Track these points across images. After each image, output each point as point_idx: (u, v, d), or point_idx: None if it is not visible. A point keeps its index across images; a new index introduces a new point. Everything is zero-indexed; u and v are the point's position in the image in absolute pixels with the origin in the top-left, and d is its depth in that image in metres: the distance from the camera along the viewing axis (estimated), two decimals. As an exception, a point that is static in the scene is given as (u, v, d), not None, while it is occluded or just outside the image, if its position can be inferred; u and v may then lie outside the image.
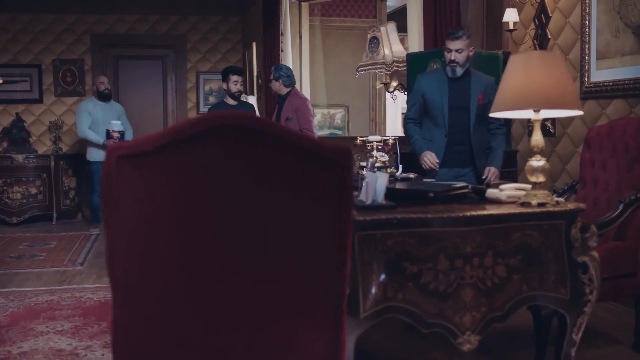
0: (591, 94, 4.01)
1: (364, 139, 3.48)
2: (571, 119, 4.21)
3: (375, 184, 2.19)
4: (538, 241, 2.22)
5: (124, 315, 1.51)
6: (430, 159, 3.64)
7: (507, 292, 2.20)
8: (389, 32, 5.04)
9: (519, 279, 2.21)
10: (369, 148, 3.34)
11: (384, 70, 5.07)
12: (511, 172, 4.64)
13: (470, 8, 5.33)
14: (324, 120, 8.91)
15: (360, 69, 5.24)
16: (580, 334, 2.28)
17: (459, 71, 3.68)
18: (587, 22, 4.03)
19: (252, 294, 1.50)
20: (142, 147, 1.44)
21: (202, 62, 8.41)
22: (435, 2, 5.30)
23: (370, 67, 5.14)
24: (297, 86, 6.82)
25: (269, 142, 1.47)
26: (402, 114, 9.55)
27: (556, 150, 4.39)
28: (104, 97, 6.73)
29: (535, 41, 4.58)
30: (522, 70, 2.27)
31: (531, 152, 2.31)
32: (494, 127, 3.77)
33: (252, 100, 6.49)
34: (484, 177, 3.68)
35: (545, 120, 4.50)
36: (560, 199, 2.31)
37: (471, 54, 3.71)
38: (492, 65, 4.71)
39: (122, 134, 6.64)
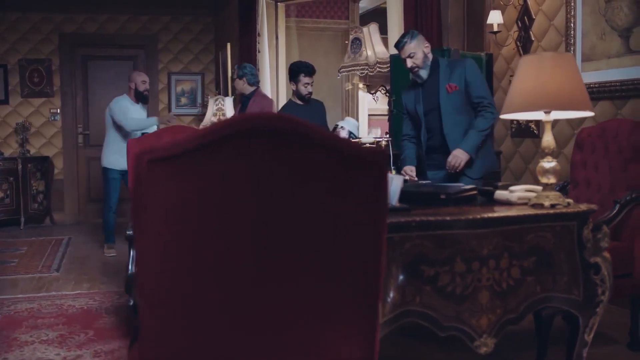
0: (576, 95, 4.06)
1: (357, 140, 3.45)
2: (555, 121, 4.25)
3: (390, 186, 2.15)
4: (551, 242, 2.21)
5: (153, 325, 1.45)
6: (408, 172, 3.61)
7: (522, 293, 2.19)
8: (371, 33, 5.02)
9: (532, 281, 2.20)
10: None
11: (366, 72, 5.05)
12: (495, 173, 4.67)
13: (451, 9, 5.35)
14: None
15: (342, 70, 5.21)
16: (592, 335, 2.28)
17: (424, 73, 3.60)
18: (572, 24, 4.08)
19: (288, 300, 1.46)
20: (174, 150, 1.38)
21: (173, 63, 8.27)
22: (416, 4, 5.31)
23: (352, 68, 5.11)
24: (271, 87, 6.79)
25: (304, 143, 1.42)
26: (369, 115, 9.59)
27: (540, 152, 4.43)
28: (142, 99, 5.85)
29: (518, 43, 4.63)
30: (534, 72, 2.27)
31: (542, 153, 2.30)
32: (480, 108, 3.50)
33: (228, 102, 6.40)
34: (447, 167, 3.46)
35: (529, 121, 4.55)
36: (570, 200, 2.31)
37: (426, 50, 3.58)
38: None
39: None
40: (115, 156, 5.56)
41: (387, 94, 5.26)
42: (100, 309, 3.95)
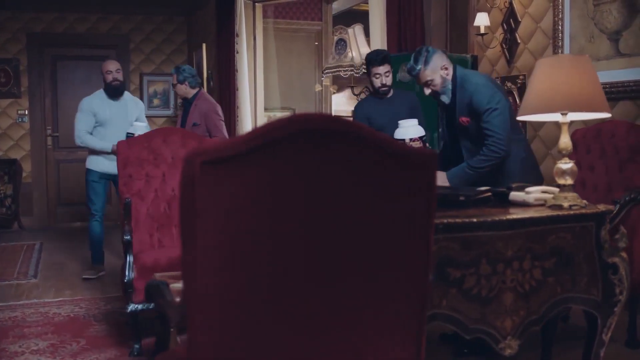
0: (564, 97, 4.12)
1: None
2: (542, 122, 4.30)
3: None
4: (570, 243, 2.23)
5: (202, 331, 1.39)
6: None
7: (543, 294, 2.19)
8: (356, 35, 5.01)
9: (553, 282, 2.21)
10: None
11: (352, 73, 5.04)
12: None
13: (433, 11, 5.38)
14: (270, 124, 8.79)
15: (326, 71, 5.19)
16: (609, 334, 2.31)
17: (445, 98, 3.11)
18: (559, 27, 4.14)
19: (339, 302, 1.44)
20: (228, 151, 1.33)
21: (145, 63, 8.11)
22: (399, 6, 5.32)
23: (337, 69, 5.09)
24: (249, 89, 6.72)
25: (355, 144, 1.40)
26: (347, 116, 9.60)
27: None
28: (112, 91, 4.89)
29: (503, 45, 4.67)
30: (551, 74, 2.28)
31: (559, 155, 2.32)
32: (487, 142, 2.97)
33: (207, 102, 6.29)
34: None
35: (523, 123, 4.59)
36: (585, 201, 2.32)
37: (444, 72, 3.07)
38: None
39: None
40: (95, 156, 4.88)
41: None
42: (88, 316, 3.83)
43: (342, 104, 11.14)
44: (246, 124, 6.51)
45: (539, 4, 4.35)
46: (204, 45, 7.16)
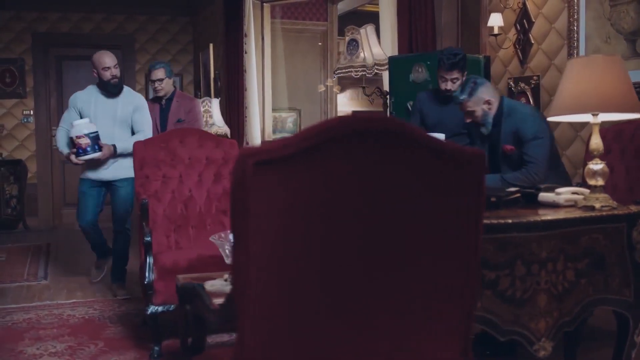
0: (579, 98, 4.11)
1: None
2: (557, 123, 4.29)
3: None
4: (602, 244, 2.22)
5: (252, 333, 1.37)
6: None
7: (576, 296, 2.19)
8: (368, 35, 4.99)
9: (585, 283, 2.20)
10: None
11: (364, 73, 5.02)
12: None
13: (444, 12, 5.37)
14: (274, 124, 8.79)
15: (338, 71, 5.17)
16: (641, 336, 2.30)
17: (485, 130, 3.18)
18: (575, 27, 4.13)
19: (392, 301, 1.45)
20: (281, 151, 1.32)
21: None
22: (409, 7, 5.30)
23: (348, 69, 5.07)
24: (259, 89, 6.70)
25: (408, 144, 1.40)
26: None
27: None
28: (112, 89, 4.28)
29: (517, 46, 4.66)
30: (583, 74, 2.27)
31: (590, 155, 2.31)
32: (526, 166, 3.03)
33: (215, 103, 6.28)
34: None
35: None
36: (615, 202, 2.32)
37: (487, 107, 3.12)
38: (474, 69, 4.75)
39: (94, 138, 4.06)
40: (87, 164, 4.28)
41: (382, 96, 5.24)
42: (103, 318, 3.81)
43: (343, 105, 11.14)
44: (254, 124, 6.49)
45: (553, 5, 4.34)
46: (211, 46, 7.14)
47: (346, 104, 11.71)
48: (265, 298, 1.34)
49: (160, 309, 3.08)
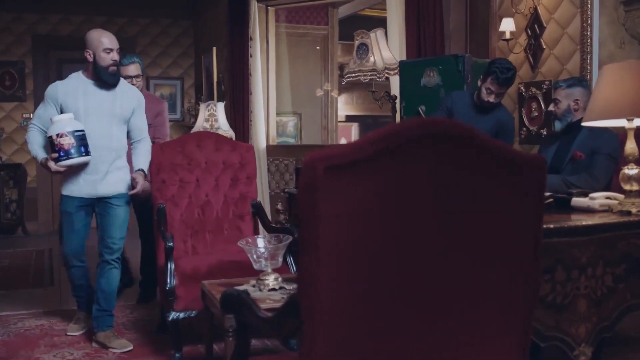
0: (593, 102, 4.12)
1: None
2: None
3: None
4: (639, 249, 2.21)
5: (321, 340, 1.35)
6: None
7: (614, 301, 2.18)
8: (378, 39, 4.99)
9: (623, 288, 2.20)
10: None
11: (374, 77, 5.01)
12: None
13: (452, 16, 5.37)
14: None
15: (347, 75, 5.15)
16: (677, 341, 2.30)
17: (558, 125, 3.26)
18: (588, 33, 4.14)
19: (461, 306, 1.44)
20: (352, 155, 1.30)
21: (152, 67, 8.03)
22: (418, 10, 5.31)
23: (358, 73, 5.06)
24: (263, 93, 6.68)
25: (475, 148, 1.40)
26: (339, 121, 9.59)
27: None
28: (107, 78, 3.32)
29: (527, 50, 4.67)
30: (617, 80, 2.27)
31: (625, 161, 2.31)
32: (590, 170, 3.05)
33: (220, 107, 6.24)
34: None
35: (540, 128, 4.60)
36: (649, 207, 2.31)
37: (575, 105, 3.17)
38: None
39: (79, 138, 3.17)
40: (71, 177, 3.33)
41: (391, 100, 5.23)
42: (117, 324, 3.74)
43: (341, 109, 11.12)
44: (260, 128, 6.46)
45: (565, 10, 4.36)
46: (214, 49, 7.11)
47: (341, 108, 11.70)
48: (336, 306, 1.32)
49: (182, 315, 3.04)
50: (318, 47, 8.97)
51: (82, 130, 3.20)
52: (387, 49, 5.00)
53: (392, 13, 5.54)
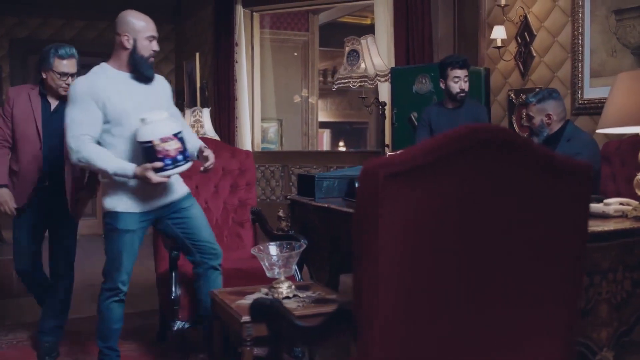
0: (584, 110, 4.20)
1: (393, 154, 3.41)
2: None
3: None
4: (656, 254, 2.25)
5: (379, 348, 1.34)
6: None
7: (633, 305, 2.21)
8: (369, 45, 5.01)
9: (641, 293, 2.23)
10: None
11: (365, 84, 5.03)
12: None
13: (440, 24, 5.43)
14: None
15: (338, 82, 5.16)
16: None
17: (536, 139, 3.34)
18: (579, 41, 4.22)
19: (512, 311, 1.45)
20: (411, 162, 1.30)
21: (132, 72, 7.92)
22: (406, 19, 5.35)
23: (348, 80, 5.07)
24: (249, 99, 6.64)
25: (525, 154, 1.42)
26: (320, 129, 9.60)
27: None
28: (146, 71, 2.80)
29: (517, 58, 4.74)
30: (632, 87, 2.31)
31: (638, 167, 2.35)
32: None
33: (206, 113, 6.19)
34: None
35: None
36: (661, 212, 2.36)
37: (547, 119, 3.29)
38: (475, 81, 4.80)
39: (182, 140, 2.67)
40: (123, 189, 2.77)
41: (380, 106, 5.24)
42: (114, 333, 3.68)
43: (321, 116, 11.15)
44: (245, 134, 6.42)
45: (556, 19, 4.43)
46: (197, 55, 7.05)
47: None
48: (393, 313, 1.31)
49: (187, 324, 2.99)
50: (296, 54, 8.98)
51: (182, 131, 2.69)
52: (378, 55, 5.02)
53: (380, 20, 5.58)
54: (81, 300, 4.20)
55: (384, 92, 5.40)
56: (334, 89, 5.25)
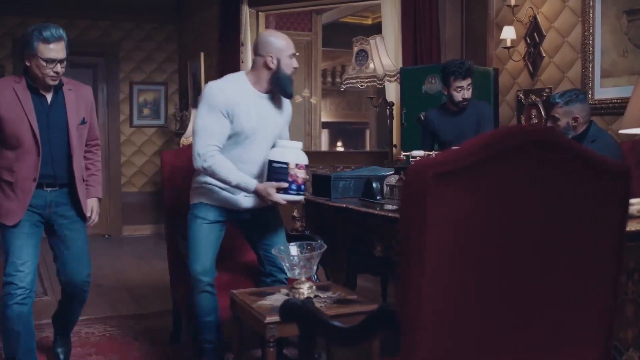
0: (595, 110, 4.18)
1: (407, 154, 3.41)
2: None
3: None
4: (679, 254, 2.25)
5: (426, 354, 1.33)
6: None
7: (657, 306, 2.21)
8: (378, 45, 5.00)
9: (665, 292, 2.23)
10: (412, 163, 3.26)
11: (374, 84, 5.02)
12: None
13: (448, 25, 5.43)
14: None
15: (346, 82, 5.15)
16: None
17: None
18: (589, 41, 4.22)
19: (557, 309, 1.44)
20: (460, 162, 1.30)
21: (136, 72, 7.90)
22: (414, 20, 5.34)
23: (356, 80, 5.07)
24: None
25: (569, 155, 1.42)
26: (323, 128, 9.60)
27: None
28: (290, 88, 2.86)
29: (526, 58, 4.73)
30: (655, 86, 2.31)
31: (663, 167, 2.34)
32: None
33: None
34: None
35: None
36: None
37: (574, 122, 3.19)
38: (484, 81, 4.81)
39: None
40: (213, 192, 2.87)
41: (388, 106, 5.24)
42: (125, 335, 3.67)
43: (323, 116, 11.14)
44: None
45: (566, 19, 4.43)
46: (201, 54, 7.03)
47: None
48: (439, 313, 1.31)
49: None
50: (297, 54, 8.97)
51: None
52: (387, 55, 5.02)
53: (387, 21, 5.57)
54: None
55: (391, 92, 5.39)
56: (342, 89, 5.25)
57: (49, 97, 2.90)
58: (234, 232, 3.10)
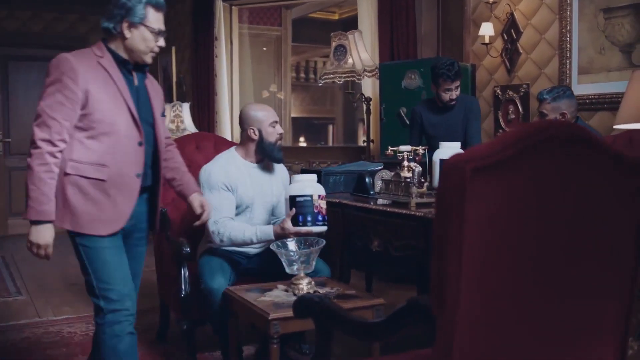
0: (572, 106, 4.29)
1: (395, 149, 3.42)
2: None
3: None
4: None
5: (461, 348, 1.34)
6: None
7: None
8: (356, 40, 5.01)
9: (660, 283, 2.30)
10: (399, 158, 3.28)
11: (354, 79, 5.02)
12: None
13: (424, 20, 5.47)
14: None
15: (324, 77, 5.14)
16: None
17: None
18: (567, 39, 4.31)
19: (584, 303, 1.46)
20: (497, 156, 1.30)
21: (104, 66, 7.73)
22: (390, 16, 5.37)
23: (334, 75, 5.06)
24: (228, 93, 6.56)
25: (597, 151, 1.45)
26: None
27: None
28: (277, 155, 3.03)
29: (504, 55, 4.81)
30: (648, 83, 2.37)
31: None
32: None
33: (185, 108, 6.10)
34: None
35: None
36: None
37: (561, 118, 3.31)
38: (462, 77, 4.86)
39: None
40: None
41: (365, 101, 5.26)
42: (109, 334, 3.59)
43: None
44: (225, 130, 6.36)
45: (543, 16, 4.51)
46: (173, 49, 6.92)
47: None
48: (474, 307, 1.32)
49: (189, 323, 2.95)
50: (265, 48, 8.92)
51: None
52: (365, 50, 5.03)
53: (363, 16, 5.58)
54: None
55: (368, 87, 5.41)
56: (320, 84, 5.23)
57: (135, 78, 2.39)
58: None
